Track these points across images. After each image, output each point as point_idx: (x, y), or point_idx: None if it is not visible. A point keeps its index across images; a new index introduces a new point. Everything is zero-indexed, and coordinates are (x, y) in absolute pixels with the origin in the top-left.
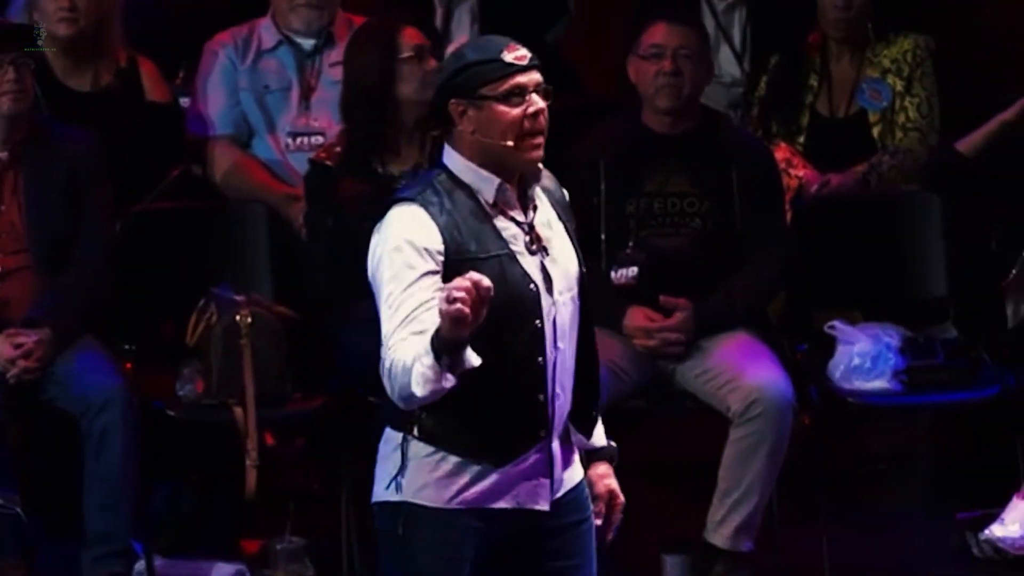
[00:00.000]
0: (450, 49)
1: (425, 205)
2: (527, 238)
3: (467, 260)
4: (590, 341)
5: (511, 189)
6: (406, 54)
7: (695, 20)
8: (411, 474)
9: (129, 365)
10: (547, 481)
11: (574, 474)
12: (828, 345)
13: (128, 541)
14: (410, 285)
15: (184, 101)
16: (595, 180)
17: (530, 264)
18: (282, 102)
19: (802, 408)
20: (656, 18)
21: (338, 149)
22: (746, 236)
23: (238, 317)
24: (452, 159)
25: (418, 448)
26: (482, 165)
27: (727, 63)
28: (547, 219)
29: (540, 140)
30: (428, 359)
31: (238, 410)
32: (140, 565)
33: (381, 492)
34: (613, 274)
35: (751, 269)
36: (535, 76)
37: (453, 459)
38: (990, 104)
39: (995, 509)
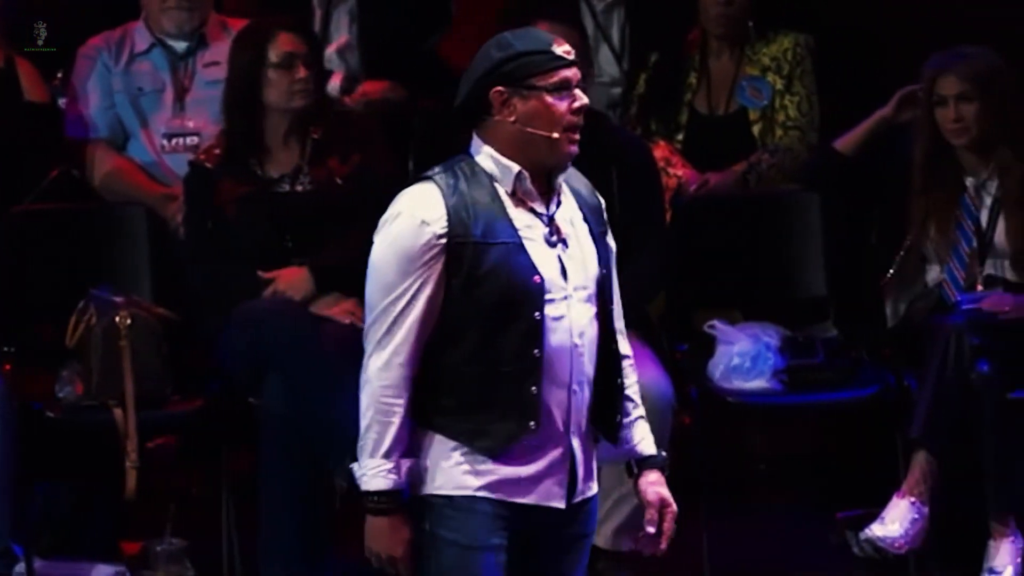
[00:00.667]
0: (330, 50)
1: (439, 184)
2: (546, 230)
3: (470, 243)
4: (613, 344)
5: (530, 179)
6: (274, 61)
7: (575, 19)
8: (423, 465)
9: (8, 367)
10: (565, 478)
11: (594, 486)
12: (708, 345)
13: (8, 542)
14: (397, 297)
15: (62, 102)
16: None
17: (544, 255)
18: (156, 104)
19: (682, 408)
20: (537, 18)
21: (217, 151)
22: (625, 235)
23: (117, 318)
24: (477, 147)
25: (430, 439)
26: (513, 155)
27: (606, 63)
28: (570, 217)
29: (578, 136)
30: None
31: (118, 411)
32: (20, 567)
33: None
34: None
35: (630, 268)
36: (578, 72)
37: (460, 448)
38: (870, 102)
39: (875, 508)
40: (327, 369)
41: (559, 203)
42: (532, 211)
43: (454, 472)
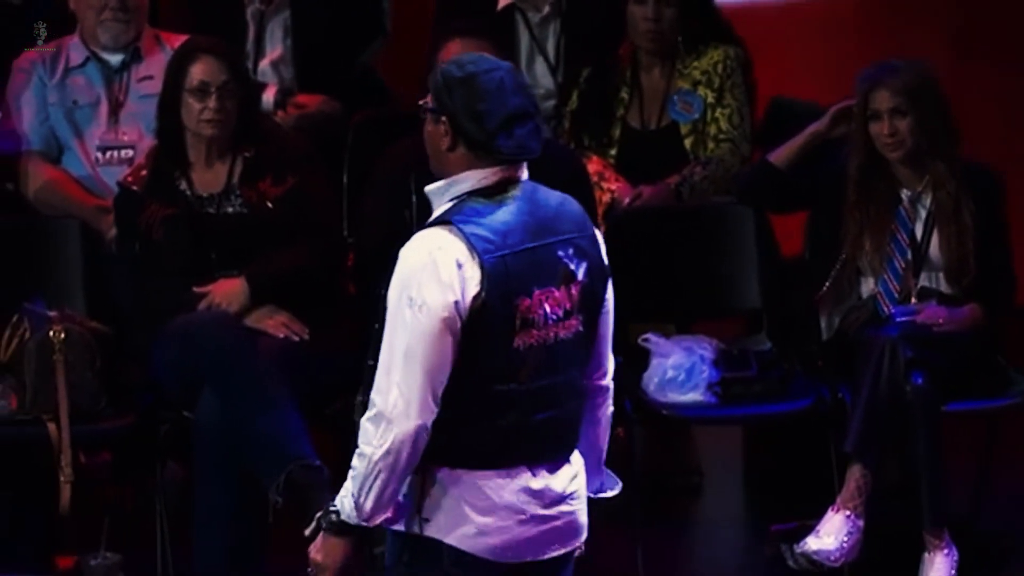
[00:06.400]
0: (264, 63)
1: None
2: None
3: None
4: None
5: None
6: (190, 86)
7: (490, 32)
8: None
9: None
10: None
11: None
12: (642, 358)
13: None
14: None
15: None
16: (406, 193)
17: None
18: (91, 117)
19: (616, 421)
20: (450, 35)
21: (144, 173)
22: None
23: (51, 332)
24: None
25: None
26: None
27: (542, 75)
28: None
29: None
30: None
31: (52, 426)
32: None
33: None
34: None
35: None
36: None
37: None
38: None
39: (809, 521)
40: (261, 383)
41: None
42: None
43: None
